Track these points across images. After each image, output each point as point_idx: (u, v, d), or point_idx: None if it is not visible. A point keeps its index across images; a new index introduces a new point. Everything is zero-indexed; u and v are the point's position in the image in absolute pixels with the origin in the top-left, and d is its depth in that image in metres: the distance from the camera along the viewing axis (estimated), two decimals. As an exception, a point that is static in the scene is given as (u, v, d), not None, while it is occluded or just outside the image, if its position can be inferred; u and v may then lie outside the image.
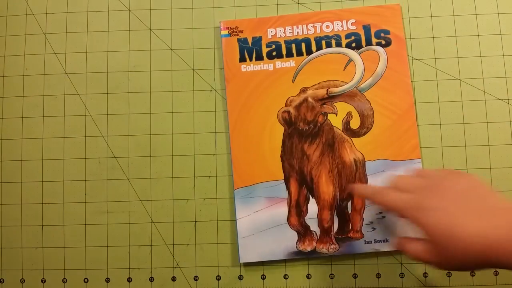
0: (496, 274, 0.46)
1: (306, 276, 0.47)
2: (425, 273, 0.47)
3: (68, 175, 0.49)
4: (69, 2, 0.51)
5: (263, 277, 0.47)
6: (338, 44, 0.48)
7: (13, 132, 0.50)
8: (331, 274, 0.47)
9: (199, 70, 0.50)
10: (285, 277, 0.47)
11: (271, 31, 0.49)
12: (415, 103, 0.48)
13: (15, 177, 0.49)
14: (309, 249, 0.46)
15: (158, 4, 0.51)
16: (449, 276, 0.46)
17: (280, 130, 0.48)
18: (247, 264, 0.47)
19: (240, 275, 0.47)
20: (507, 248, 0.30)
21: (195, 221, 0.48)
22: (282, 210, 0.47)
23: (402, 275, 0.47)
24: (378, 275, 0.47)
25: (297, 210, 0.47)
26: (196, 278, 0.48)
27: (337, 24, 0.49)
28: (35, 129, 0.50)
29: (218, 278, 0.47)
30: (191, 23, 0.51)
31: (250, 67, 0.49)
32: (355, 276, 0.47)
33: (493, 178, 0.47)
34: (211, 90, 0.49)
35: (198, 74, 0.50)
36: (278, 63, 0.49)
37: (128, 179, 0.49)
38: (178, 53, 0.50)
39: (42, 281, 0.48)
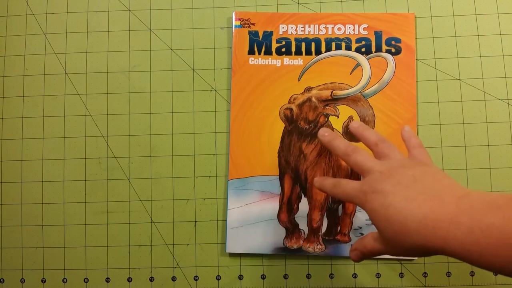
0: (496, 274, 0.46)
1: (306, 276, 0.47)
2: (425, 273, 0.47)
3: (68, 175, 0.49)
4: (69, 2, 0.51)
5: (263, 277, 0.47)
6: (348, 48, 0.48)
7: (13, 132, 0.50)
8: (331, 274, 0.47)
9: (199, 70, 0.50)
10: (285, 277, 0.47)
11: (283, 27, 0.49)
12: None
13: (15, 177, 0.49)
14: (295, 246, 0.47)
15: (158, 4, 0.51)
16: (448, 276, 0.46)
17: (280, 126, 0.48)
18: (248, 264, 0.47)
19: (240, 275, 0.47)
20: (446, 228, 0.28)
21: (195, 221, 0.48)
22: (273, 205, 0.47)
23: (402, 275, 0.47)
24: (378, 275, 0.47)
25: (288, 207, 0.47)
26: (196, 278, 0.48)
27: (349, 27, 0.49)
28: (35, 129, 0.50)
29: (218, 278, 0.48)
30: (191, 23, 0.51)
31: (258, 60, 0.49)
32: (355, 276, 0.47)
33: (493, 178, 0.47)
34: (211, 90, 0.49)
35: (198, 74, 0.50)
36: (286, 59, 0.49)
37: (128, 179, 0.49)
38: (178, 53, 0.50)
39: (42, 281, 0.48)
